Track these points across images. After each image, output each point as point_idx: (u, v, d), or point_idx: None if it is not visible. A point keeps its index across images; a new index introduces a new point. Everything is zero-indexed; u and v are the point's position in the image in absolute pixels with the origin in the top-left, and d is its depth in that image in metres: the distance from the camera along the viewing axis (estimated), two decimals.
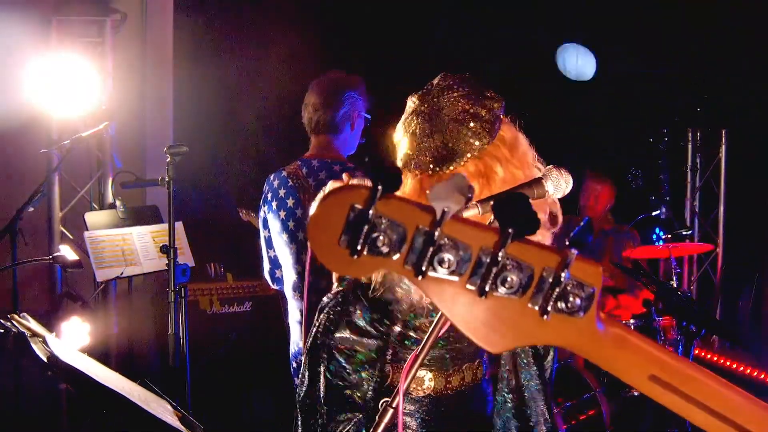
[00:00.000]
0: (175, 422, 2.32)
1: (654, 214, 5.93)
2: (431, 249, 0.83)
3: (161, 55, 6.12)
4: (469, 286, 0.85)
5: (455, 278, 0.84)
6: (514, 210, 0.83)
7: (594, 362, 0.93)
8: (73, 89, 5.47)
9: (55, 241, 5.71)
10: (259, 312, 5.65)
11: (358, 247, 0.82)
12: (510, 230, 0.83)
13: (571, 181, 2.24)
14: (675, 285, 5.11)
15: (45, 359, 2.41)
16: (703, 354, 6.24)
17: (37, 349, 2.47)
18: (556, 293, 0.87)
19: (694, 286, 7.59)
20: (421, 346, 1.73)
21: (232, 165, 6.33)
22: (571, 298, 0.88)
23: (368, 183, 0.84)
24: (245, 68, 6.35)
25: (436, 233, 0.82)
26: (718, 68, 6.46)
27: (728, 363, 6.14)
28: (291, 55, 6.33)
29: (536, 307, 0.87)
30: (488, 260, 0.84)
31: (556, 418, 2.34)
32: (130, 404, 2.25)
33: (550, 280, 0.86)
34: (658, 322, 5.08)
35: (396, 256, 0.83)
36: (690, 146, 7.56)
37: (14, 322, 2.69)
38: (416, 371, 1.76)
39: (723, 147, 7.46)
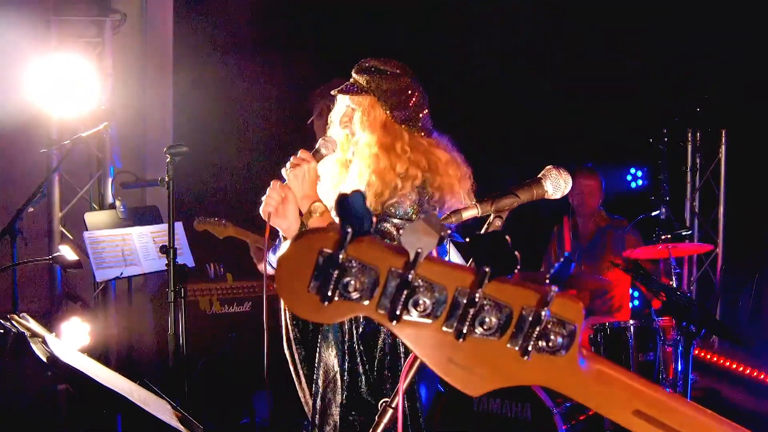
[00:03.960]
0: (174, 422, 2.33)
1: (654, 214, 5.89)
2: (405, 292, 0.80)
3: (161, 55, 6.10)
4: (445, 329, 0.83)
5: (431, 321, 0.82)
6: (490, 249, 0.81)
7: (576, 400, 0.92)
8: (73, 89, 5.47)
9: (55, 241, 5.70)
10: (259, 312, 5.62)
11: (329, 294, 0.79)
12: (487, 270, 0.81)
13: (570, 181, 2.24)
14: (675, 285, 5.09)
15: (45, 359, 2.42)
16: (703, 354, 6.22)
17: (37, 349, 2.48)
18: (536, 332, 0.84)
19: (694, 286, 7.56)
20: None
21: (232, 165, 6.31)
22: (552, 337, 0.86)
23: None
24: (245, 68, 6.34)
25: (410, 275, 0.80)
26: (718, 68, 6.44)
27: (728, 363, 6.12)
28: (291, 56, 6.32)
29: (516, 348, 0.85)
30: (465, 301, 0.82)
31: None
32: (130, 404, 2.25)
33: (530, 319, 0.84)
34: (657, 322, 5.05)
35: (368, 301, 0.81)
36: (690, 146, 7.52)
37: (14, 323, 2.70)
38: (415, 372, 1.76)
39: (723, 147, 7.42)
